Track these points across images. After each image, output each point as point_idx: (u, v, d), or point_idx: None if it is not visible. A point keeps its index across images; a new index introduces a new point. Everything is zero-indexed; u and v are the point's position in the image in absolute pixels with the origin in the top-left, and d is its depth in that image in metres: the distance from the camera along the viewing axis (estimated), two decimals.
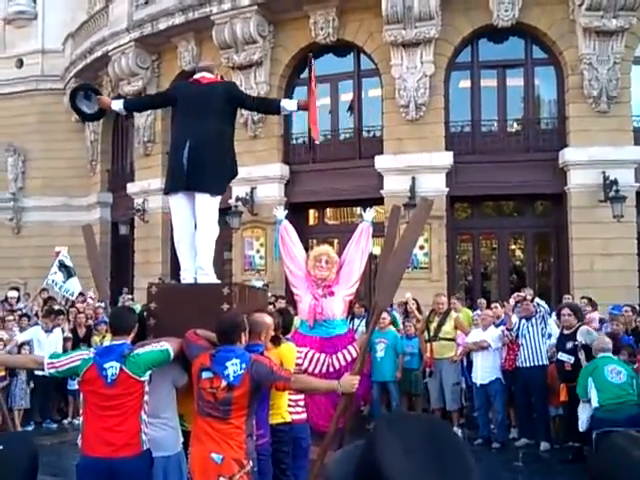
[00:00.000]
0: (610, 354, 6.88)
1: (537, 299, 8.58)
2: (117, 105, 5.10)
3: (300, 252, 6.21)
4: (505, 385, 8.52)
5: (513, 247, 15.23)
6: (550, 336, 8.44)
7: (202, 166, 4.58)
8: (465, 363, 9.32)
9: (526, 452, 8.14)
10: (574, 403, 7.32)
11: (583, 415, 6.87)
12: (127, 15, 17.07)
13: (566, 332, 7.80)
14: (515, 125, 14.54)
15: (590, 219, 12.95)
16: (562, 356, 7.62)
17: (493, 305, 9.66)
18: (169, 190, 4.78)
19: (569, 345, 7.56)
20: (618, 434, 1.35)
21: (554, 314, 9.05)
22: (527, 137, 14.16)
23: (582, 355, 7.50)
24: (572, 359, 7.47)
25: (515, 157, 13.84)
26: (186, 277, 4.67)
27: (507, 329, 8.38)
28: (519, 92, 14.38)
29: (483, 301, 11.33)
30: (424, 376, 9.37)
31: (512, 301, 8.65)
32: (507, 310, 8.64)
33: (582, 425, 6.88)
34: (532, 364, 8.14)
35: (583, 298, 10.59)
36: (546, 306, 8.46)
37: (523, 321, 8.29)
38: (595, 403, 6.56)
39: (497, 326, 8.68)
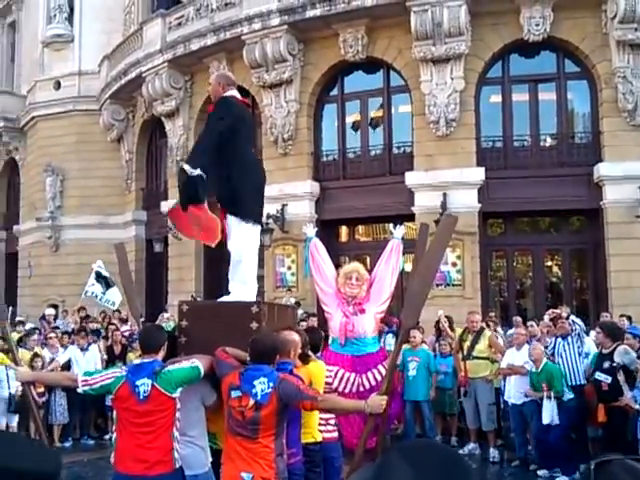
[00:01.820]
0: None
1: (572, 317, 8.39)
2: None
3: (330, 269, 6.18)
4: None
5: (549, 264, 14.98)
6: (587, 355, 8.24)
7: None
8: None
9: None
10: (613, 424, 7.13)
11: (554, 410, 7.72)
12: (160, 37, 17.43)
13: (604, 351, 7.60)
14: (548, 140, 14.38)
15: (627, 235, 12.69)
16: (599, 376, 7.42)
17: (529, 323, 9.48)
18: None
19: (606, 365, 7.37)
20: (616, 463, 1.30)
21: (593, 333, 8.84)
22: (561, 152, 13.98)
23: (621, 376, 7.30)
24: (609, 379, 7.27)
25: (549, 172, 13.67)
26: (251, 295, 4.71)
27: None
28: (552, 106, 14.22)
29: (519, 319, 11.11)
30: (459, 395, 9.23)
31: (547, 318, 8.47)
32: (542, 328, 8.48)
33: (553, 419, 7.72)
34: (569, 384, 7.95)
35: (622, 316, 10.35)
36: (582, 324, 8.26)
37: (559, 340, 8.12)
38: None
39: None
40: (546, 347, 8.18)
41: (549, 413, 7.72)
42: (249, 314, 4.25)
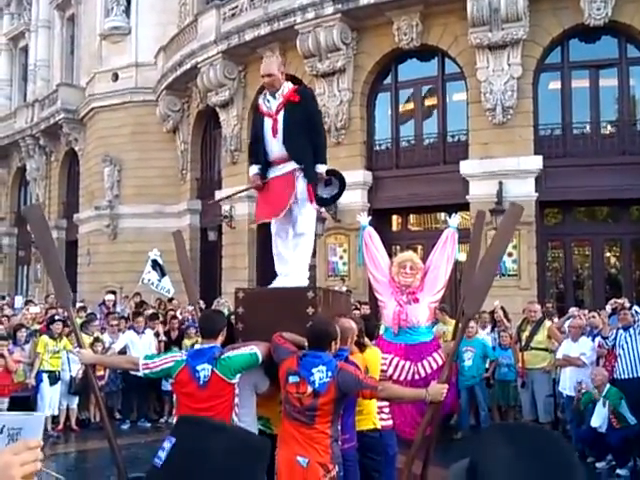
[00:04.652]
0: None
1: (635, 307, 8.15)
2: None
3: (384, 258, 6.14)
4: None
5: (608, 254, 14.55)
6: None
7: None
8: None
9: None
10: None
11: (605, 417, 7.36)
12: (215, 28, 17.61)
13: None
14: (609, 127, 13.93)
15: None
16: None
17: (590, 314, 9.23)
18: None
19: None
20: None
21: None
22: (622, 139, 13.53)
23: None
24: None
25: (609, 160, 13.25)
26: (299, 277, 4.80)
27: (602, 337, 8.01)
28: (613, 93, 13.76)
29: (574, 309, 10.82)
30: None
31: (608, 308, 8.26)
32: (603, 317, 8.26)
33: (602, 426, 7.34)
34: (630, 376, 7.75)
35: None
36: None
37: (620, 331, 7.90)
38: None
39: (593, 337, 8.30)
40: (606, 338, 7.97)
41: (600, 417, 7.44)
42: (305, 300, 4.29)
